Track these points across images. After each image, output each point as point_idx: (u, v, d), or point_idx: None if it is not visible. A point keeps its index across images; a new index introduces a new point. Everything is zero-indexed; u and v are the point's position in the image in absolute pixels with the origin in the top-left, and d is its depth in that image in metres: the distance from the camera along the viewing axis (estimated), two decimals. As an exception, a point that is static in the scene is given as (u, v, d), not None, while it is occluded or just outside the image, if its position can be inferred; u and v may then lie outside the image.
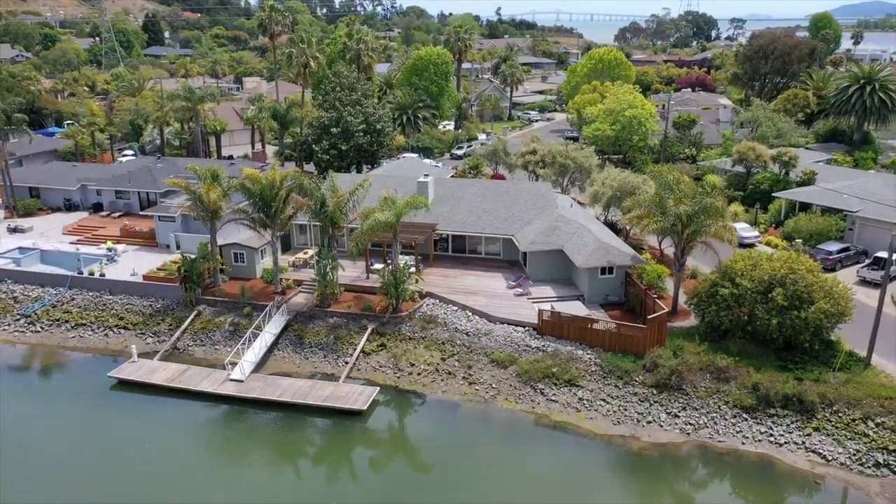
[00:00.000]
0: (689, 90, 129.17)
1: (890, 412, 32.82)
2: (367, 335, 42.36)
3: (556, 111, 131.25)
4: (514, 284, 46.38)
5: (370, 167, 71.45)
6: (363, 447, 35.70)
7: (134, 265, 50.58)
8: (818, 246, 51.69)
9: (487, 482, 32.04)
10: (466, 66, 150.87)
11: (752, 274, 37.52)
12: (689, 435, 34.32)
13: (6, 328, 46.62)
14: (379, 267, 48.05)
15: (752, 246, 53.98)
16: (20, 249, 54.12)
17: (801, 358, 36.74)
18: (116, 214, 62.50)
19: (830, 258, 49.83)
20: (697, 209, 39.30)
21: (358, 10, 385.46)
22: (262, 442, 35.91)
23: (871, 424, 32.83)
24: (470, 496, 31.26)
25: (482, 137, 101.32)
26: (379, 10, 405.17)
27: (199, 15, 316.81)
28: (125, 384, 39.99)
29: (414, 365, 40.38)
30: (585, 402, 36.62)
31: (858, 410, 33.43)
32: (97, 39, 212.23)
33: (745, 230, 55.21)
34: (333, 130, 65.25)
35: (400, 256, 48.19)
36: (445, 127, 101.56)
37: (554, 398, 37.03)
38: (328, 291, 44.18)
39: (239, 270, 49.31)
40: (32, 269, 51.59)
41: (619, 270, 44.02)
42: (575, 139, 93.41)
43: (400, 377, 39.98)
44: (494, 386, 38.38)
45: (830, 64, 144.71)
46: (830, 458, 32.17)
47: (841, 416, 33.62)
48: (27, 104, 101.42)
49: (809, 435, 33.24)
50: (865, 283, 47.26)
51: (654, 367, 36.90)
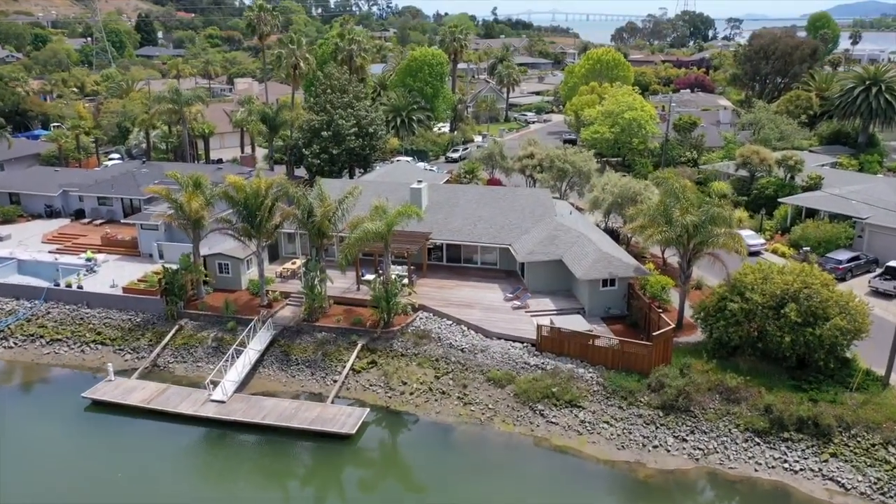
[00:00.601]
0: (688, 91, 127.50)
1: (912, 437, 30.88)
2: (356, 351, 40.23)
3: (553, 112, 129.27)
4: (511, 297, 44.31)
5: (363, 171, 69.37)
6: (352, 474, 33.61)
7: (114, 276, 48.37)
8: (827, 255, 49.74)
9: (484, 514, 30.00)
10: (462, 66, 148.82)
11: (762, 288, 35.50)
12: (698, 461, 32.29)
13: (-22, 344, 44.38)
14: (370, 278, 46.00)
15: (757, 254, 52.09)
16: (-4, 259, 51.90)
17: (815, 377, 34.71)
18: (99, 222, 60.22)
19: (840, 267, 47.88)
20: (704, 219, 37.29)
21: (353, 9, 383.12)
22: (243, 468, 33.76)
23: (892, 450, 30.85)
24: (465, 530, 29.21)
25: (478, 140, 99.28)
26: (374, 9, 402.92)
27: (192, 15, 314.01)
28: (100, 405, 37.79)
29: (406, 384, 38.27)
30: (587, 424, 34.56)
31: (878, 434, 31.45)
32: (89, 40, 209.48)
33: (750, 237, 53.18)
34: (324, 134, 63.10)
35: (392, 267, 46.18)
36: (440, 129, 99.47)
37: (554, 420, 34.96)
38: (316, 305, 42.04)
39: (224, 282, 47.16)
40: (8, 280, 49.29)
41: (621, 282, 41.98)
42: (573, 142, 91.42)
43: (391, 397, 37.86)
44: (491, 407, 36.30)
45: (829, 64, 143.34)
46: (849, 486, 30.17)
47: (860, 440, 31.63)
48: (12, 106, 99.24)
49: (826, 461, 31.24)
50: (878, 293, 45.36)
51: (659, 386, 34.86)
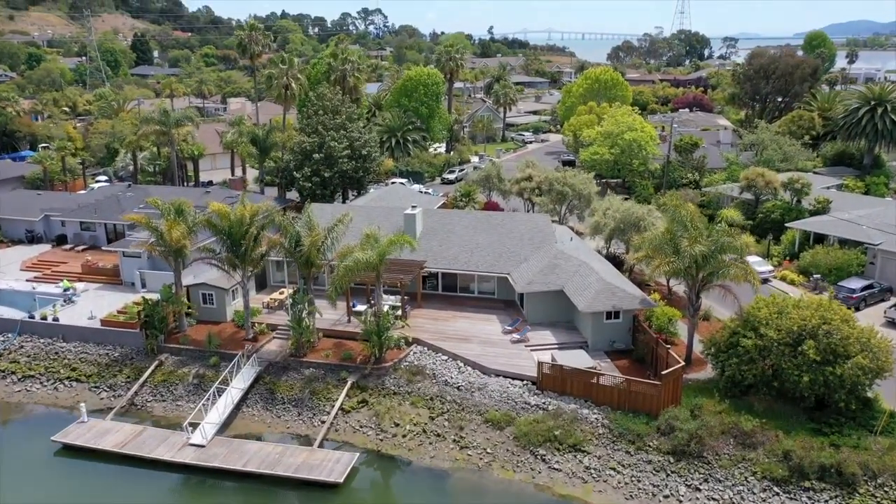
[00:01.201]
0: (686, 110, 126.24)
1: (944, 487, 28.60)
2: (346, 389, 37.88)
3: (550, 132, 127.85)
4: (510, 329, 42.06)
5: (356, 193, 67.36)
6: (339, 526, 31.15)
7: (93, 307, 46.06)
8: (839, 283, 47.67)
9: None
10: (459, 85, 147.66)
11: (777, 323, 33.37)
12: (713, 513, 29.93)
13: (-54, 380, 41.90)
14: (362, 309, 43.85)
15: (766, 281, 49.99)
16: (-30, 289, 49.58)
17: (836, 419, 32.46)
18: (81, 248, 57.99)
19: (854, 296, 45.77)
20: (714, 249, 35.22)
21: (350, 29, 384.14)
22: (223, 521, 31.31)
23: (923, 502, 28.56)
24: None
25: (475, 160, 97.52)
26: (371, 29, 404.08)
27: (189, 34, 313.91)
28: (72, 449, 35.31)
29: (398, 425, 35.88)
30: (593, 471, 32.18)
31: (907, 484, 29.16)
32: (84, 59, 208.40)
33: (757, 264, 51.11)
34: (316, 156, 61.11)
35: (385, 297, 44.02)
36: (436, 150, 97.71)
37: (557, 466, 32.59)
38: (304, 339, 39.75)
39: (208, 313, 44.86)
40: (-19, 311, 46.95)
41: (626, 315, 39.80)
42: (571, 162, 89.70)
43: (383, 439, 35.46)
44: (489, 451, 33.92)
45: (826, 83, 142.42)
46: (878, 542, 27.83)
47: (887, 490, 29.35)
48: (0, 126, 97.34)
49: (852, 514, 28.93)
50: (895, 325, 43.18)
51: (670, 430, 32.56)
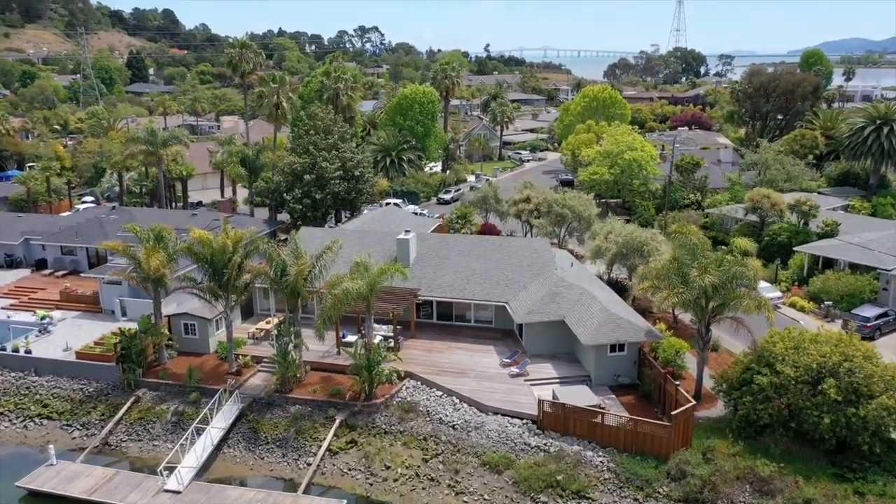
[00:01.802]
0: (685, 128, 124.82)
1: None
2: (334, 428, 35.51)
3: (548, 150, 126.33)
4: (508, 362, 39.81)
5: (350, 215, 65.34)
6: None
7: (69, 338, 43.72)
8: (852, 311, 45.59)
9: None
10: (455, 103, 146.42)
11: (794, 359, 31.23)
12: (730, 569, 27.57)
13: None
14: (352, 339, 41.58)
15: (775, 308, 47.76)
16: (-59, 318, 47.21)
17: (859, 463, 30.25)
18: (61, 273, 55.72)
19: (868, 325, 43.72)
20: (725, 279, 33.15)
21: (347, 46, 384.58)
22: (197, 577, 28.81)
23: (959, 558, 26.26)
24: None
25: (471, 179, 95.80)
26: (368, 46, 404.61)
27: (185, 51, 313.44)
28: (39, 496, 32.83)
29: (390, 468, 33.49)
30: (599, 520, 29.84)
31: (940, 538, 26.88)
32: (79, 76, 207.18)
33: (766, 290, 49.00)
34: (307, 177, 59.09)
35: (376, 326, 41.87)
36: (432, 169, 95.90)
37: (560, 515, 30.24)
38: (289, 374, 37.44)
39: (190, 344, 42.56)
40: (-48, 342, 44.54)
41: (631, 347, 37.61)
42: (570, 182, 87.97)
43: (373, 484, 33.05)
44: (487, 497, 31.53)
45: (824, 101, 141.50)
46: None
47: (918, 544, 27.05)
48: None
49: (882, 571, 26.59)
50: (913, 356, 40.99)
51: (681, 475, 30.28)
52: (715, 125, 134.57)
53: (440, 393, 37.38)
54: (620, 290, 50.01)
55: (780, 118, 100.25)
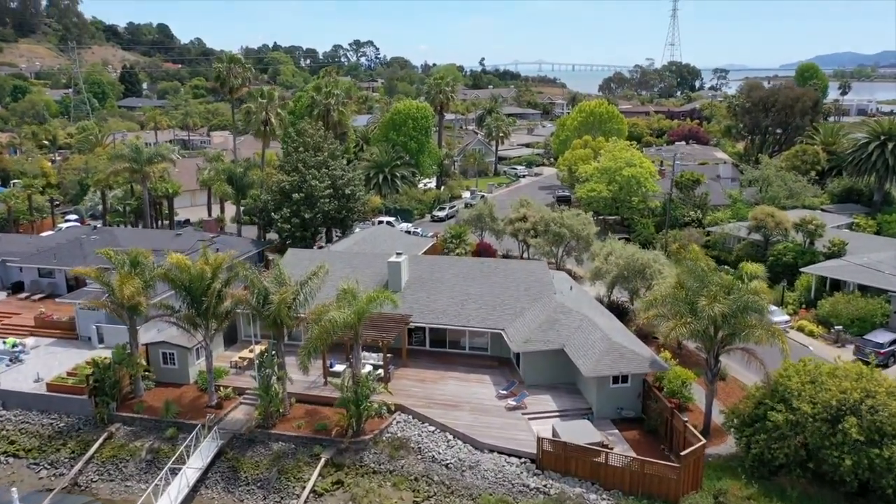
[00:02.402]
0: (683, 143, 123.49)
1: None
2: (319, 468, 33.21)
3: (544, 165, 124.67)
4: (505, 394, 37.61)
5: (341, 233, 63.29)
6: None
7: (42, 367, 41.41)
8: (864, 336, 43.58)
9: None
10: (450, 117, 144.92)
11: (812, 394, 29.16)
12: None
13: None
14: (340, 369, 39.44)
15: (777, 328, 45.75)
16: None
17: (883, 508, 28.13)
18: (38, 297, 53.39)
19: (882, 352, 41.73)
20: (736, 308, 31.13)
21: (342, 60, 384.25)
22: None
23: None
24: None
25: (466, 196, 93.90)
26: (363, 60, 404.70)
27: (179, 66, 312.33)
28: (-2, 543, 30.49)
29: (378, 512, 31.21)
30: (604, 572, 27.57)
31: None
32: (70, 91, 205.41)
33: (773, 314, 46.99)
34: (295, 196, 57.04)
35: (365, 354, 39.70)
36: (426, 185, 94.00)
37: (561, 565, 27.96)
38: (272, 409, 35.17)
39: (168, 374, 40.29)
40: (-82, 372, 42.13)
41: (634, 378, 35.49)
42: (567, 198, 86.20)
43: (360, 529, 30.76)
44: (482, 545, 29.28)
45: (821, 115, 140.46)
46: None
47: None
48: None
49: None
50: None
51: (692, 521, 28.09)
52: (712, 140, 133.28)
53: (433, 428, 35.14)
54: (621, 313, 48.05)
55: (779, 133, 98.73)
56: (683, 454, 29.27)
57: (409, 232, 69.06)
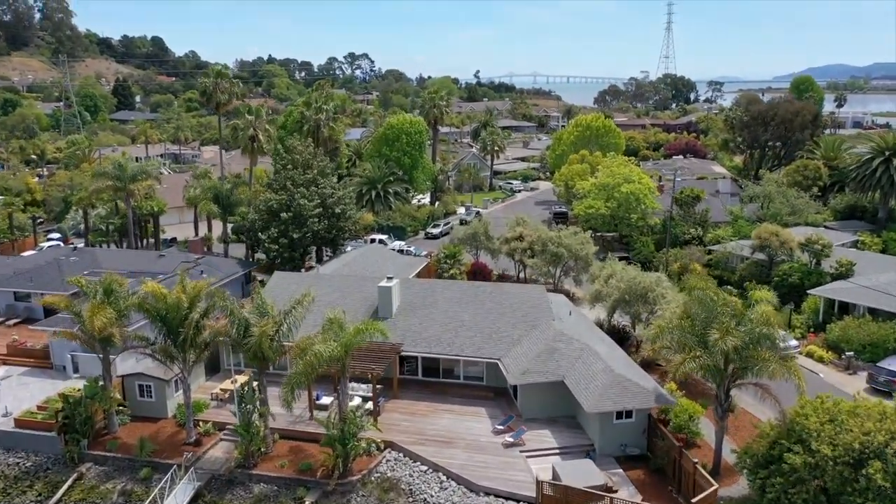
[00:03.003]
0: (680, 157, 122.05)
1: None
2: (303, 513, 31.01)
3: (540, 179, 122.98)
4: (501, 429, 35.45)
5: (332, 253, 61.22)
6: None
7: (11, 400, 39.10)
8: (878, 363, 41.60)
9: None
10: (445, 129, 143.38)
11: (832, 435, 27.08)
12: None
13: None
14: (327, 402, 37.32)
15: (791, 359, 43.73)
16: None
17: (911, 560, 25.97)
18: (13, 321, 51.11)
19: (897, 380, 39.71)
20: (749, 340, 29.15)
21: (337, 73, 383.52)
22: None
23: None
24: None
25: (461, 212, 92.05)
26: (358, 73, 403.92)
27: (173, 79, 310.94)
28: None
29: (366, 562, 28.98)
30: None
31: None
32: (62, 104, 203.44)
33: (782, 338, 44.96)
34: (283, 216, 55.01)
35: (354, 386, 37.65)
36: (420, 201, 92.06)
37: None
38: (253, 447, 32.94)
39: (145, 407, 38.04)
40: None
41: (640, 413, 33.42)
42: (563, 214, 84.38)
43: (346, 582, 28.50)
44: None
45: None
46: None
47: None
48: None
49: None
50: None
51: (704, 575, 25.94)
52: (710, 153, 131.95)
53: (425, 467, 32.96)
54: (622, 338, 46.08)
55: (778, 147, 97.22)
56: (694, 501, 27.13)
57: (401, 251, 67.03)
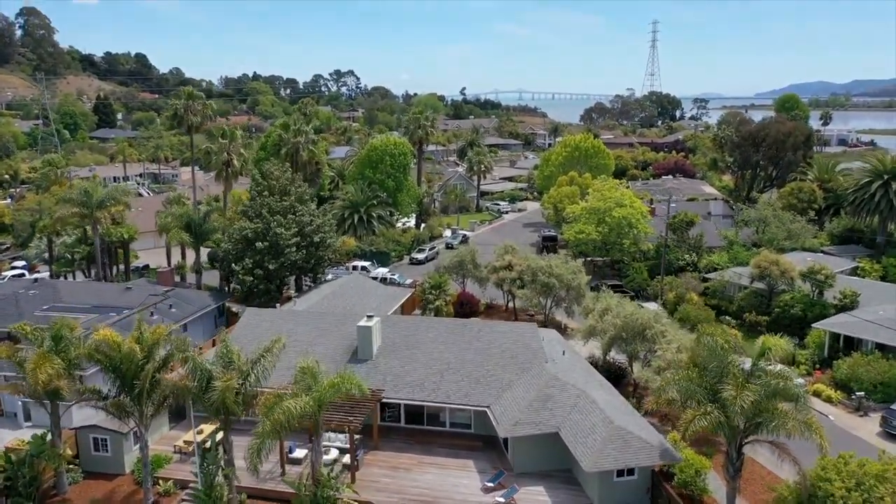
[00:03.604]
0: (670, 177, 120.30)
1: None
2: (270, 589, 27.72)
3: (527, 199, 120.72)
4: (491, 486, 32.38)
5: (311, 282, 58.06)
6: None
7: (-48, 455, 35.46)
8: (892, 406, 39.03)
9: None
10: (431, 148, 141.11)
11: (858, 501, 24.36)
12: None
13: None
14: (301, 455, 34.16)
15: (808, 409, 41.04)
16: None
17: None
18: (-36, 361, 47.35)
19: (913, 424, 37.16)
20: (764, 394, 26.41)
21: (322, 90, 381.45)
22: None
23: None
24: None
25: (447, 234, 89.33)
26: (343, 90, 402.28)
27: (157, 96, 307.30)
28: None
29: None
30: None
31: None
32: (40, 122, 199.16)
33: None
34: (259, 245, 51.91)
35: (332, 435, 34.56)
36: (405, 224, 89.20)
37: None
38: (216, 513, 29.65)
39: (101, 463, 34.64)
40: None
41: (643, 470, 30.53)
42: (553, 238, 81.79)
43: None
44: None
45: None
46: None
47: None
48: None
49: None
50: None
51: None
52: (698, 173, 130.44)
53: (407, 534, 29.83)
54: (619, 376, 43.33)
55: (770, 169, 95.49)
56: (709, 580, 24.20)
57: (384, 279, 64.06)
